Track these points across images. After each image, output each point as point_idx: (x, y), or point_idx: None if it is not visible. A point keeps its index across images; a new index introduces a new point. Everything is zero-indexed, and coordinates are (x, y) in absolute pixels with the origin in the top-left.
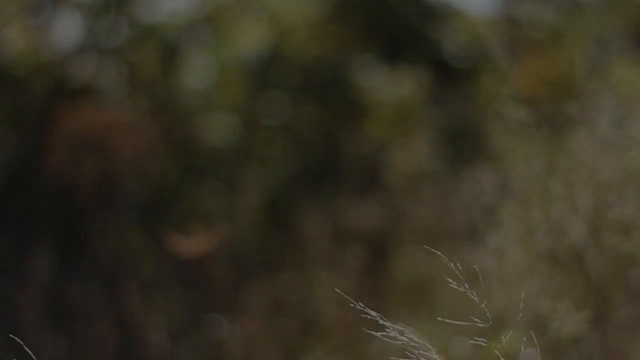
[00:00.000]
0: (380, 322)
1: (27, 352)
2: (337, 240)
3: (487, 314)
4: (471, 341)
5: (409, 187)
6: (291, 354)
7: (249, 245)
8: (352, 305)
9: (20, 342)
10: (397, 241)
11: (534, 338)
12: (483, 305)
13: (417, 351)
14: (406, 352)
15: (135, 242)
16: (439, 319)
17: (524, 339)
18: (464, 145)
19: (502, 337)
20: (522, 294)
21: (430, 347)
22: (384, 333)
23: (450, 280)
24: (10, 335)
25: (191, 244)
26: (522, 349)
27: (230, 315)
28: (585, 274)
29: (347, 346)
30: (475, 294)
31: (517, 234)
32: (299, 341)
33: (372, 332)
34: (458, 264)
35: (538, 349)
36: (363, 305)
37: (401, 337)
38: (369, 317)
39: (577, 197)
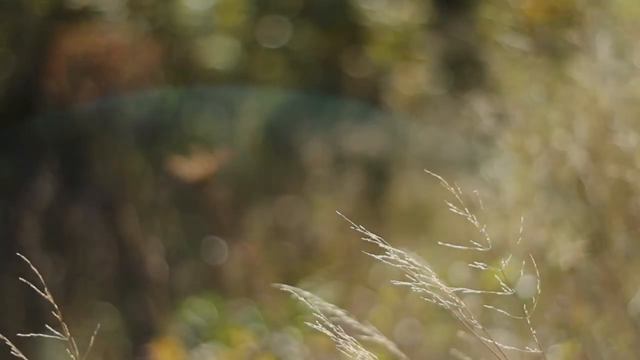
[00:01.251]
0: (381, 245)
1: (30, 272)
2: (336, 165)
3: (487, 239)
4: (471, 265)
5: (409, 112)
6: (291, 278)
7: (248, 169)
8: (353, 228)
9: (27, 260)
10: (396, 166)
11: (534, 263)
12: (483, 229)
13: (417, 274)
14: (406, 275)
15: (135, 165)
16: (439, 243)
17: (523, 265)
18: (464, 71)
19: (502, 262)
20: (519, 223)
21: (431, 271)
22: (384, 256)
23: (451, 204)
24: (18, 254)
25: (191, 167)
26: (521, 275)
27: (229, 239)
28: (584, 201)
29: (347, 270)
30: (475, 218)
31: (514, 162)
32: (299, 265)
33: (373, 255)
34: (458, 189)
35: (538, 273)
36: (364, 228)
37: (401, 261)
38: (369, 240)
39: (576, 125)
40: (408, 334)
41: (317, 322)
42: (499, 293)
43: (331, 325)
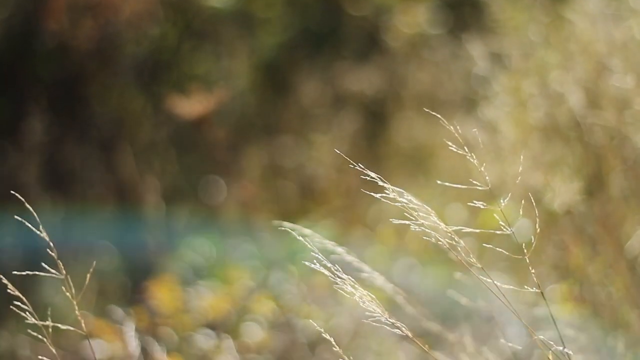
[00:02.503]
0: (380, 183)
1: (28, 211)
2: (335, 104)
3: (487, 178)
4: (469, 204)
5: (408, 52)
6: (289, 217)
7: (247, 108)
8: (351, 167)
9: (22, 199)
10: (395, 106)
11: (533, 204)
12: (482, 169)
13: (416, 213)
14: (405, 214)
15: (134, 104)
16: (438, 182)
17: (521, 205)
18: (463, 11)
19: (500, 202)
20: (517, 165)
21: (430, 210)
22: (383, 195)
23: (450, 144)
24: (12, 192)
25: (190, 106)
26: (520, 215)
27: (228, 178)
28: (582, 142)
29: (345, 209)
30: (474, 157)
31: (511, 105)
32: (297, 204)
33: (372, 194)
34: (458, 128)
35: (537, 213)
36: (363, 167)
37: (400, 199)
38: (368, 179)
39: (574, 67)
40: (406, 273)
41: (315, 261)
42: (497, 232)
43: (329, 265)
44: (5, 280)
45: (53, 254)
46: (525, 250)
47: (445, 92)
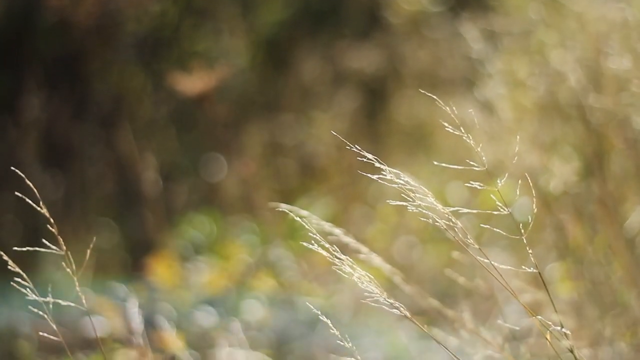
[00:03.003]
0: (377, 165)
1: (28, 188)
2: (336, 82)
3: (483, 158)
4: (467, 185)
5: (409, 30)
6: (289, 195)
7: (247, 85)
8: (349, 148)
9: (22, 175)
10: (396, 84)
11: (532, 184)
12: (479, 149)
13: (413, 194)
14: (402, 195)
15: (134, 81)
16: (435, 163)
17: (519, 185)
18: None
19: (498, 182)
20: (515, 144)
21: (427, 191)
22: (380, 176)
23: (446, 124)
24: (12, 168)
25: (190, 83)
26: (518, 195)
27: (228, 155)
28: (583, 121)
29: (346, 187)
30: (471, 138)
31: (510, 84)
32: (297, 182)
33: (368, 175)
34: (454, 109)
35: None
36: (359, 148)
37: (397, 180)
38: (365, 160)
39: (574, 47)
40: (406, 251)
41: (312, 242)
42: (495, 212)
43: (327, 245)
44: (5, 257)
45: (53, 230)
46: (522, 231)
47: (446, 70)
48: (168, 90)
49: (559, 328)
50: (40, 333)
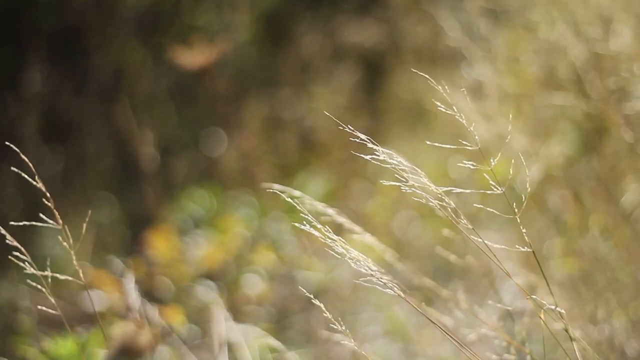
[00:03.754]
0: (370, 145)
1: (25, 162)
2: (335, 57)
3: (476, 137)
4: (465, 164)
5: (408, 4)
6: (288, 169)
7: (247, 60)
8: (342, 128)
9: (17, 150)
10: (395, 59)
11: (526, 162)
12: (472, 128)
13: (406, 174)
14: (395, 175)
15: (134, 55)
16: (428, 142)
17: (512, 165)
18: None
19: (491, 160)
20: (515, 120)
21: (420, 171)
22: (373, 156)
23: (439, 104)
24: (7, 144)
25: (191, 57)
26: (512, 173)
27: (228, 130)
28: (583, 96)
29: (345, 162)
30: (463, 117)
31: (510, 59)
32: (297, 156)
33: (361, 155)
34: (447, 87)
35: (527, 172)
36: (352, 128)
37: (390, 160)
38: (357, 140)
39: (575, 21)
40: (406, 226)
41: (304, 222)
42: (488, 192)
43: (320, 226)
44: (3, 231)
45: (49, 204)
46: (516, 210)
47: (445, 45)
48: (168, 64)
49: (553, 307)
50: (39, 306)
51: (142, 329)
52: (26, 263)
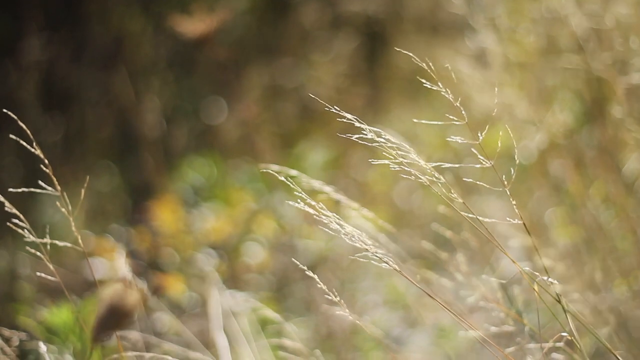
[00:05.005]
0: (357, 124)
1: (24, 130)
2: (336, 25)
3: (462, 112)
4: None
5: None
6: (289, 138)
7: (248, 28)
8: (328, 109)
9: (15, 117)
10: (396, 28)
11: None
12: (457, 104)
13: (394, 152)
14: (384, 153)
15: (134, 24)
16: (414, 120)
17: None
18: None
19: (479, 134)
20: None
21: (409, 147)
22: (360, 136)
23: (424, 80)
24: (5, 111)
25: (191, 25)
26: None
27: (228, 98)
28: (584, 66)
29: (346, 130)
30: (449, 92)
31: (511, 28)
32: (297, 125)
33: (348, 136)
34: (430, 64)
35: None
36: (338, 109)
37: (378, 139)
38: (344, 120)
39: None
40: (406, 196)
41: (298, 200)
42: (477, 166)
43: (314, 203)
44: (2, 198)
45: (47, 170)
46: (505, 182)
47: (447, 14)
48: (168, 32)
49: (546, 278)
50: (38, 273)
51: (130, 290)
52: (25, 230)
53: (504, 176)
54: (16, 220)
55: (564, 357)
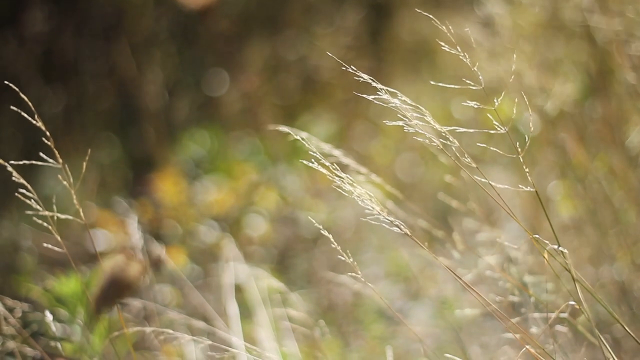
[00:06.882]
0: (373, 85)
1: (25, 102)
2: None
3: (480, 77)
4: (465, 104)
5: None
6: (291, 110)
7: (250, 0)
8: (345, 69)
9: (17, 89)
10: (399, 1)
11: (530, 102)
12: (475, 68)
13: (410, 114)
14: (398, 115)
15: None
16: (432, 82)
17: (515, 105)
18: None
19: (495, 100)
20: (520, 61)
21: (424, 110)
22: (376, 96)
23: (443, 43)
24: (6, 82)
25: None
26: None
27: (230, 71)
28: (588, 39)
29: (348, 103)
30: (467, 57)
31: (513, 1)
32: (300, 97)
33: (364, 96)
34: (452, 27)
35: (531, 112)
36: (355, 69)
37: (393, 100)
38: (360, 80)
39: None
40: (409, 168)
41: (313, 160)
42: (492, 132)
43: (328, 164)
44: (10, 168)
45: (49, 143)
46: (519, 149)
47: None
48: (170, 3)
49: (556, 247)
50: (45, 245)
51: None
52: (32, 200)
53: (517, 143)
54: (22, 190)
55: (568, 328)
